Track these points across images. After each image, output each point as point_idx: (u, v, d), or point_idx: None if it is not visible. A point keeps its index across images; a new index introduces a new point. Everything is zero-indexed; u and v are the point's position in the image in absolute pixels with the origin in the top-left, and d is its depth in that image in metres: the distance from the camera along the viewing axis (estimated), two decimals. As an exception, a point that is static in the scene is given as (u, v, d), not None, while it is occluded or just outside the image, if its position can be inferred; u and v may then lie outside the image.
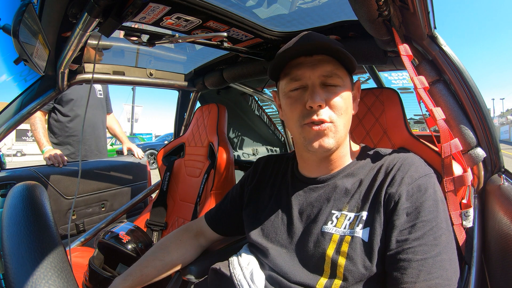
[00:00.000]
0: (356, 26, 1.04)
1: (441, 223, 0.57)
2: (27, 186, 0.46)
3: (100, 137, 2.23)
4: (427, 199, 0.58)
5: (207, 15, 0.96)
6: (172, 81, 1.73)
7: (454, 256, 0.55)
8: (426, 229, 0.55)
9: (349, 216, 0.63)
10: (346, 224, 0.62)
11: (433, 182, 0.62)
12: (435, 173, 0.67)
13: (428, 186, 0.60)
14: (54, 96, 1.25)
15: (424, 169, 0.64)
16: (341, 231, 0.62)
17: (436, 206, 0.58)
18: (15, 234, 0.37)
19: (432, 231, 0.55)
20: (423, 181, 0.61)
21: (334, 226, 0.63)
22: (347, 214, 0.63)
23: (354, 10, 0.70)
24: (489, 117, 0.82)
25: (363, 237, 0.59)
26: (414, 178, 0.61)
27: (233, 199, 0.87)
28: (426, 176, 0.62)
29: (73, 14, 0.75)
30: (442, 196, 0.62)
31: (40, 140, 1.87)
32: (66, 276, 0.34)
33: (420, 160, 0.67)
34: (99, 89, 2.21)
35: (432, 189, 0.60)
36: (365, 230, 0.60)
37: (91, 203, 1.91)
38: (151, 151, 10.38)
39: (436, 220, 0.57)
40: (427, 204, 0.58)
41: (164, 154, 1.78)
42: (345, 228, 0.62)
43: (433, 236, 0.55)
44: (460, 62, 0.80)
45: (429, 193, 0.59)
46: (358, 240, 0.59)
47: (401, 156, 0.68)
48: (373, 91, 1.02)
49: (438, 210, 0.58)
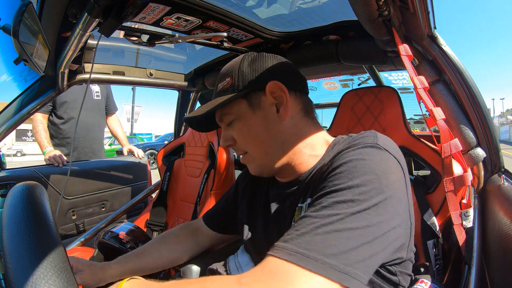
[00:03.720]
0: (356, 26, 1.04)
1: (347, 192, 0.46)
2: (27, 186, 0.46)
3: (95, 139, 2.22)
4: (340, 166, 0.49)
5: (207, 15, 0.96)
6: (172, 81, 1.73)
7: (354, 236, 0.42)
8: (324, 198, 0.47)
9: (303, 207, 0.61)
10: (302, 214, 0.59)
11: (364, 152, 0.50)
12: (435, 172, 0.66)
13: (351, 154, 0.50)
14: (54, 96, 1.25)
15: (361, 141, 0.53)
16: None
17: (351, 173, 0.47)
18: (15, 234, 0.37)
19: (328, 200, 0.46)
20: (349, 151, 0.51)
21: (294, 220, 0.61)
22: (301, 206, 0.61)
23: (354, 10, 0.70)
24: (489, 117, 0.82)
25: None
26: (342, 150, 0.53)
27: (228, 198, 0.87)
28: (358, 147, 0.51)
29: (73, 14, 0.75)
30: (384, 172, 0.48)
31: (41, 142, 1.88)
32: (66, 276, 0.34)
33: (368, 134, 0.55)
34: (96, 90, 2.20)
35: (356, 157, 0.49)
36: None
37: (91, 203, 1.90)
38: (151, 151, 10.37)
39: (339, 187, 0.47)
40: (338, 170, 0.49)
41: (164, 154, 1.78)
42: None
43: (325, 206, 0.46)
44: (460, 62, 0.80)
45: (348, 161, 0.49)
46: None
47: (353, 137, 0.59)
48: (372, 89, 1.03)
49: (349, 178, 0.47)
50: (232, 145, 0.66)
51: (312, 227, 0.43)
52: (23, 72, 1.28)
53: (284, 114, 0.62)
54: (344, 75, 4.01)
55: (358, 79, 3.63)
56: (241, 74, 0.63)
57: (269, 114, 0.62)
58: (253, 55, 0.66)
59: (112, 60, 1.50)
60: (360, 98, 1.04)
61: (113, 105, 2.39)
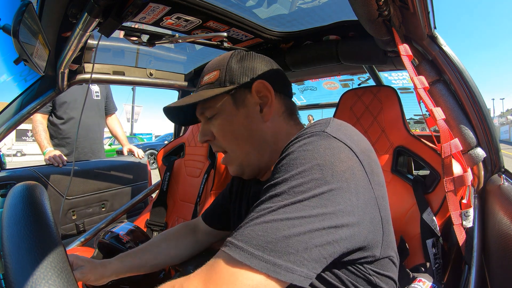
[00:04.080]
0: (356, 26, 1.04)
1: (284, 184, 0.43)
2: (27, 186, 0.46)
3: (95, 140, 2.23)
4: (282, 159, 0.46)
5: (207, 15, 0.96)
6: (172, 81, 1.73)
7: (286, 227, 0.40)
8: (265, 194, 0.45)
9: None
10: None
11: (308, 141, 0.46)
12: (434, 172, 0.66)
13: (296, 146, 0.46)
14: (54, 96, 1.25)
15: (309, 130, 0.49)
16: None
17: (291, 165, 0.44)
18: (15, 234, 0.37)
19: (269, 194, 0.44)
20: (294, 141, 0.48)
21: None
22: None
23: (354, 10, 0.70)
24: (489, 117, 0.82)
25: None
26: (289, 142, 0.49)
27: (225, 195, 0.87)
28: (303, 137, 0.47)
29: (73, 14, 0.75)
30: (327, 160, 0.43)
31: (41, 143, 1.88)
32: (66, 276, 0.34)
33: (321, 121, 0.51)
34: (96, 90, 2.21)
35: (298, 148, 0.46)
36: None
37: (91, 203, 1.91)
38: (151, 151, 10.37)
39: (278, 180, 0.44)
40: (280, 164, 0.46)
41: (164, 154, 1.78)
42: None
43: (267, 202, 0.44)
44: (460, 62, 0.80)
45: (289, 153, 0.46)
46: None
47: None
48: (371, 89, 1.03)
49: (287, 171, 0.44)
50: (210, 140, 0.65)
51: (247, 220, 0.43)
52: (23, 72, 1.28)
53: (267, 114, 0.62)
54: (344, 75, 4.01)
55: (358, 79, 3.63)
56: (229, 69, 0.62)
57: (253, 113, 0.62)
58: (243, 53, 0.65)
59: (112, 60, 1.50)
60: (359, 98, 1.04)
61: (112, 105, 2.39)
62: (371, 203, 0.46)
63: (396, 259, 0.53)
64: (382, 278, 0.50)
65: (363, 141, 0.50)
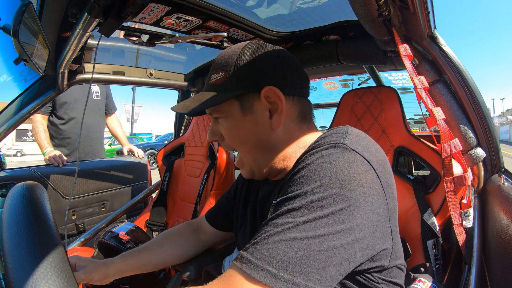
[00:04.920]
0: (356, 26, 1.04)
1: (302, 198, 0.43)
2: (27, 186, 0.46)
3: (95, 140, 2.23)
4: (300, 171, 0.46)
5: (207, 15, 0.96)
6: (172, 81, 1.73)
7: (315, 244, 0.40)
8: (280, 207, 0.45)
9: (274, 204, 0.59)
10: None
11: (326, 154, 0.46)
12: (435, 172, 0.66)
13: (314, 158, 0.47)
14: (54, 96, 1.25)
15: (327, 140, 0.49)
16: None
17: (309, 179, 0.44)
18: (15, 234, 0.37)
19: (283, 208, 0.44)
20: (312, 153, 0.48)
21: None
22: (273, 203, 0.60)
23: (354, 10, 0.70)
24: (489, 117, 0.82)
25: None
26: (307, 151, 0.50)
27: (229, 196, 0.86)
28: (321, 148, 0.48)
29: (73, 14, 0.75)
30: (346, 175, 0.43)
31: (41, 143, 1.88)
32: (66, 276, 0.34)
33: (338, 131, 0.52)
34: (96, 90, 2.21)
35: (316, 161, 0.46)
36: None
37: (91, 203, 1.91)
38: (151, 151, 10.37)
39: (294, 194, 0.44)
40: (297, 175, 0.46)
41: (164, 154, 1.78)
42: None
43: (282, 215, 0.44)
44: (460, 62, 0.80)
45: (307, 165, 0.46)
46: None
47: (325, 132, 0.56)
48: (372, 89, 1.03)
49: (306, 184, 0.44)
50: (219, 141, 0.63)
51: (264, 236, 0.42)
52: (23, 72, 1.28)
53: (277, 123, 0.57)
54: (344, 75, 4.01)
55: (358, 79, 3.63)
56: (236, 71, 0.57)
57: (261, 120, 0.57)
58: (254, 47, 0.58)
59: (112, 60, 1.50)
60: (360, 98, 1.04)
61: (112, 105, 2.39)
62: (384, 215, 0.47)
63: (404, 266, 0.54)
64: (390, 285, 0.51)
65: (379, 151, 0.51)
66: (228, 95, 0.56)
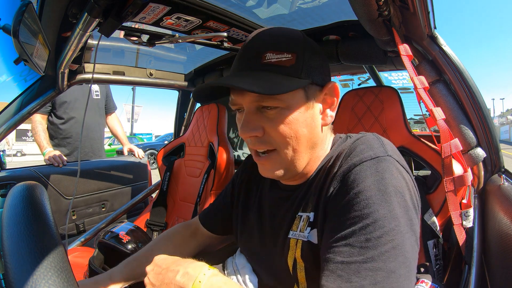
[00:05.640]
0: (356, 26, 1.04)
1: (385, 220, 0.43)
2: (27, 186, 0.46)
3: (95, 139, 2.23)
4: (364, 190, 0.46)
5: (207, 15, 0.96)
6: (172, 81, 1.73)
7: (401, 269, 0.41)
8: (357, 226, 0.44)
9: (303, 217, 0.57)
10: (300, 226, 0.56)
11: (381, 168, 0.47)
12: (436, 172, 0.66)
13: (369, 174, 0.47)
14: (54, 96, 1.25)
15: (370, 152, 0.50)
16: (296, 234, 0.56)
17: (380, 198, 0.44)
18: (15, 234, 0.37)
19: (365, 230, 0.43)
20: (364, 167, 0.48)
21: (291, 229, 0.58)
22: (301, 215, 0.57)
23: (354, 10, 0.70)
24: (489, 117, 0.82)
25: (312, 240, 0.52)
26: (353, 164, 0.49)
27: (225, 198, 0.83)
28: (370, 160, 0.48)
29: (73, 14, 0.75)
30: (404, 187, 0.47)
31: (41, 143, 1.88)
32: (66, 276, 0.34)
33: (373, 140, 0.53)
34: (96, 90, 2.21)
35: (375, 177, 0.46)
36: (313, 232, 0.53)
37: (91, 203, 1.91)
38: (151, 151, 10.37)
39: (374, 217, 0.43)
40: (364, 195, 0.45)
41: (164, 154, 1.78)
42: (300, 231, 0.56)
43: (365, 237, 0.43)
44: (460, 62, 0.80)
45: (368, 182, 0.46)
46: (307, 245, 0.53)
47: (353, 140, 0.56)
48: (372, 89, 1.03)
49: (381, 204, 0.44)
50: (258, 136, 0.54)
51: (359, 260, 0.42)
52: (23, 72, 1.28)
53: (329, 120, 0.56)
54: (344, 75, 4.01)
55: (358, 79, 3.63)
56: (307, 57, 0.52)
57: (317, 115, 0.56)
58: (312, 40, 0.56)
59: (112, 60, 1.50)
60: (361, 98, 1.04)
61: (112, 104, 2.39)
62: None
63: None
64: None
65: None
66: (302, 82, 0.51)
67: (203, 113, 1.65)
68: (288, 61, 0.51)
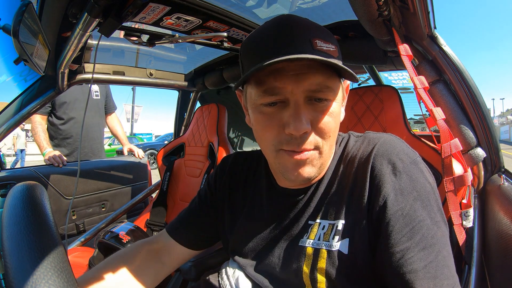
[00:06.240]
0: (356, 26, 1.04)
1: (434, 216, 0.47)
2: (27, 186, 0.46)
3: (94, 139, 2.23)
4: (419, 195, 0.47)
5: (207, 15, 0.96)
6: (172, 81, 1.73)
7: (449, 245, 0.47)
8: (424, 229, 0.45)
9: (323, 225, 0.52)
10: (320, 234, 0.52)
11: (421, 169, 0.50)
12: (436, 172, 0.66)
13: (418, 177, 0.48)
14: (54, 96, 1.25)
15: (409, 154, 0.51)
16: (315, 242, 0.52)
17: (428, 199, 0.48)
18: (15, 234, 0.37)
19: (429, 230, 0.46)
20: (412, 172, 0.48)
21: (307, 238, 0.53)
22: (320, 223, 0.53)
23: (354, 10, 0.70)
24: (489, 117, 0.82)
25: (342, 250, 0.49)
26: (400, 170, 0.48)
27: (203, 208, 0.72)
28: (413, 163, 0.49)
29: (73, 14, 0.75)
30: (432, 182, 0.50)
31: (40, 144, 1.88)
32: (66, 276, 0.34)
33: (400, 141, 0.53)
34: (96, 90, 2.21)
35: (422, 180, 0.48)
36: (343, 241, 0.49)
37: (91, 203, 1.91)
38: (151, 151, 10.37)
39: (430, 215, 0.47)
40: (420, 200, 0.47)
41: (164, 154, 1.78)
42: (319, 240, 0.52)
43: (430, 235, 0.45)
44: (460, 62, 0.80)
45: (420, 186, 0.48)
46: (336, 255, 0.49)
47: (376, 140, 0.53)
48: (372, 89, 1.03)
49: (430, 203, 0.47)
50: (306, 132, 0.49)
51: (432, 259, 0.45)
52: (23, 72, 1.28)
53: (343, 116, 0.57)
54: (344, 75, 3.99)
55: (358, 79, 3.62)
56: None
57: (341, 109, 0.55)
58: None
59: (112, 60, 1.50)
60: (360, 98, 1.04)
61: (112, 104, 2.39)
62: None
63: None
64: None
65: None
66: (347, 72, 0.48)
67: (203, 113, 1.65)
68: (334, 52, 0.49)
